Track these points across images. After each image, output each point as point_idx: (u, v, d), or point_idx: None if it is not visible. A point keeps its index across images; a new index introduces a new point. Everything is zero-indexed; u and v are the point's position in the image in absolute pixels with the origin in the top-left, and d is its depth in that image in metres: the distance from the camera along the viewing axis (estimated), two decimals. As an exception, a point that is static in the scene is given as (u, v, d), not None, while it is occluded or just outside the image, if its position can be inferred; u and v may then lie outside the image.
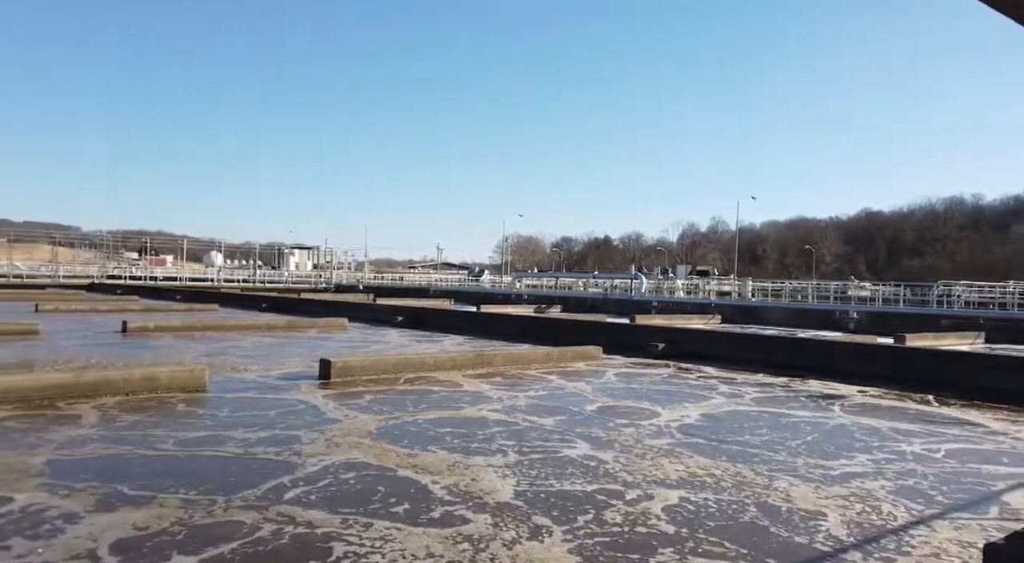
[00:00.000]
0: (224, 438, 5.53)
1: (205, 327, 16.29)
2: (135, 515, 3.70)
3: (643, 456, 5.32)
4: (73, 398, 6.93)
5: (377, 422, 6.33)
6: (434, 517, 3.82)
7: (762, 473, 4.93)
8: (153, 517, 3.68)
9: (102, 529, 3.50)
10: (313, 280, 59.76)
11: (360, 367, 9.49)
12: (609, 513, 3.96)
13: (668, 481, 4.65)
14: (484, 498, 4.16)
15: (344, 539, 3.45)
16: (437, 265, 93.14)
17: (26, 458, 4.77)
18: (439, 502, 4.08)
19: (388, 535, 3.52)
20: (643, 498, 4.26)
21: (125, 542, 3.34)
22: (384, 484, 4.42)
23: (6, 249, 69.61)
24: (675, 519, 3.90)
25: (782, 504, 4.24)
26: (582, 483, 4.56)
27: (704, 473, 4.89)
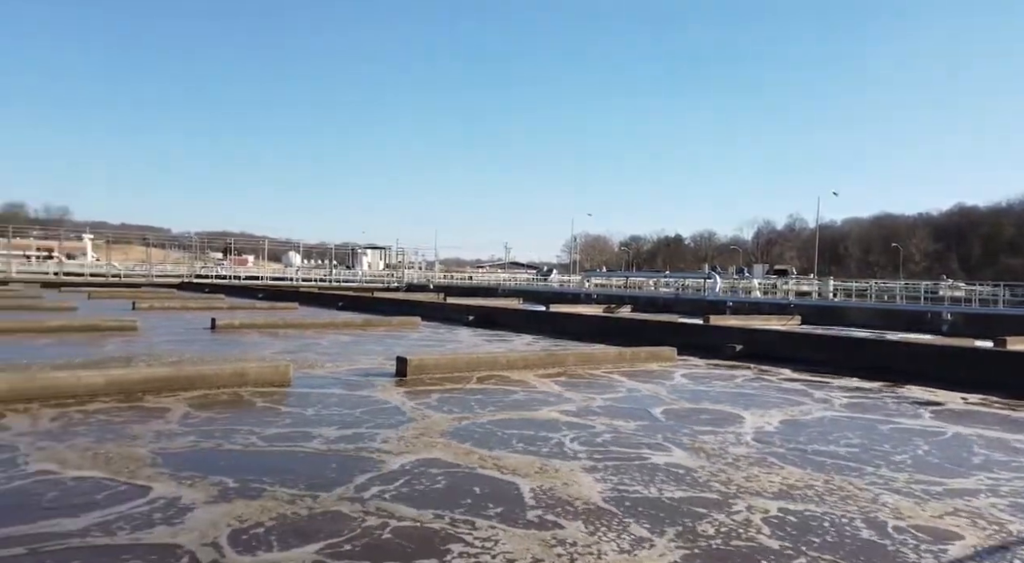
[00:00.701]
0: (310, 434, 5.67)
1: (286, 324, 16.93)
2: (243, 507, 3.83)
3: (733, 464, 5.10)
4: (171, 391, 7.32)
5: (454, 421, 6.36)
6: (529, 520, 3.76)
7: (865, 486, 4.62)
8: (261, 509, 3.80)
9: (216, 519, 3.65)
10: (385, 279, 61.24)
11: (434, 365, 9.62)
12: (706, 524, 3.80)
13: (764, 492, 4.42)
14: (574, 503, 4.07)
15: (456, 538, 3.47)
16: (505, 264, 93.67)
17: (135, 449, 5.05)
18: (530, 504, 4.02)
19: (494, 536, 3.50)
20: (740, 509, 4.07)
21: (243, 532, 3.46)
22: (473, 483, 4.41)
23: (105, 250, 74.66)
24: (778, 533, 3.69)
25: (893, 520, 3.95)
26: (671, 490, 4.39)
27: (801, 484, 4.63)
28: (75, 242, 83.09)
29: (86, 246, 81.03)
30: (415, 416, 6.53)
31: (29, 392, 6.60)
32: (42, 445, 5.08)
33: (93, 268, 58.11)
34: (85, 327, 14.26)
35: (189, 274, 55.14)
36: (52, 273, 49.96)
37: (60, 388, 6.78)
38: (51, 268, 53.96)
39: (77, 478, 4.33)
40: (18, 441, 5.17)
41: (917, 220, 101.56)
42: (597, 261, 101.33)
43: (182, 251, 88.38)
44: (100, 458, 4.78)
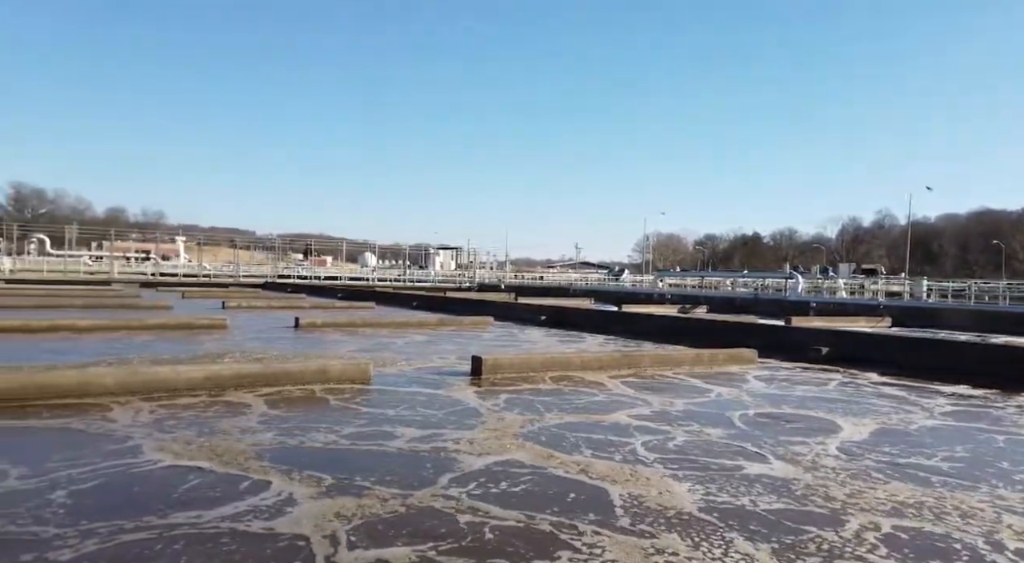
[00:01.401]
0: (391, 433, 5.75)
1: (364, 323, 17.40)
2: (343, 502, 3.92)
3: (831, 476, 4.80)
4: (260, 386, 7.63)
5: (529, 422, 6.31)
6: (625, 527, 3.67)
7: (983, 505, 4.25)
8: (359, 505, 3.87)
9: (322, 511, 3.77)
10: (457, 279, 62.12)
11: (509, 365, 9.63)
12: (814, 540, 3.57)
13: (872, 508, 4.12)
14: (667, 512, 3.94)
15: (561, 541, 3.44)
16: (576, 264, 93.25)
17: (235, 442, 5.28)
18: (622, 511, 3.92)
19: (598, 542, 3.43)
20: (849, 525, 3.81)
21: (351, 527, 3.55)
22: (560, 487, 4.34)
23: (196, 252, 79.12)
24: (896, 554, 3.43)
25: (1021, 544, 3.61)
26: (768, 502, 4.16)
27: (911, 501, 4.29)
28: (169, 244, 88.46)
29: (179, 248, 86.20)
30: (491, 416, 6.54)
31: (133, 386, 7.03)
32: (153, 436, 5.37)
33: (186, 269, 61.71)
34: (180, 325, 15.11)
35: (272, 274, 57.69)
36: (149, 274, 53.37)
37: (161, 382, 7.18)
38: (148, 269, 57.66)
39: (188, 468, 4.56)
40: (132, 433, 5.50)
41: (1022, 215, 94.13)
42: (670, 261, 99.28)
43: (265, 252, 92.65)
44: (205, 449, 5.03)
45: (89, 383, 6.86)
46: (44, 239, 77.09)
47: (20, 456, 4.74)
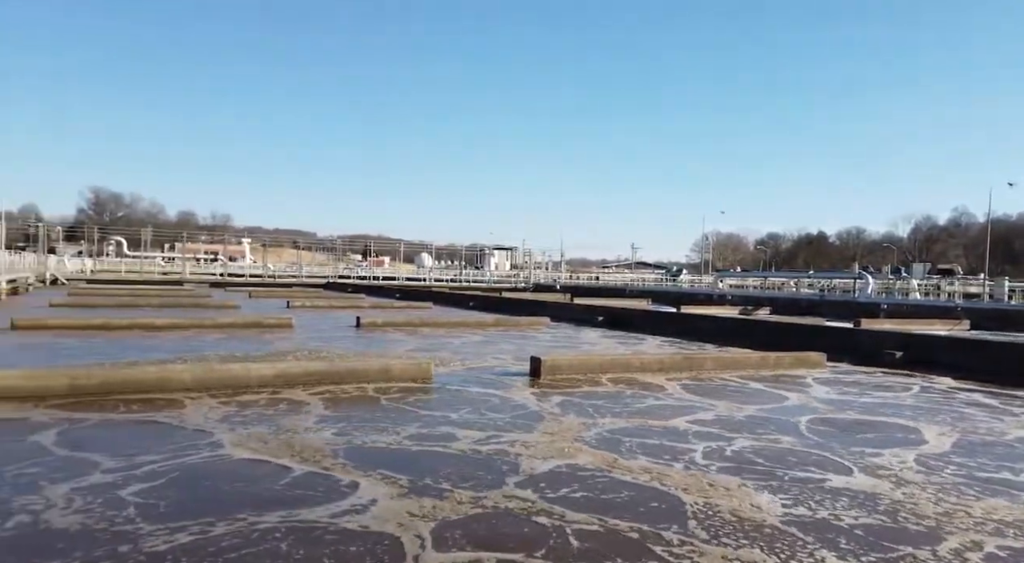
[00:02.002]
0: (455, 433, 5.77)
1: (423, 323, 17.64)
2: (420, 502, 3.95)
3: (919, 489, 4.54)
4: (327, 384, 7.82)
5: (591, 425, 6.22)
6: (707, 537, 3.56)
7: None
8: (437, 506, 3.88)
9: (401, 509, 3.83)
10: (512, 280, 62.30)
11: (567, 366, 9.58)
12: (908, 558, 3.37)
13: (970, 526, 3.85)
14: (742, 522, 3.80)
15: (646, 549, 3.39)
16: (632, 264, 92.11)
17: (305, 437, 5.43)
18: (701, 521, 3.79)
19: (687, 552, 3.36)
20: (949, 544, 3.57)
21: (434, 526, 3.58)
22: (630, 492, 4.27)
23: (261, 253, 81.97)
24: None
25: None
26: (854, 517, 3.94)
27: (1010, 518, 4.01)
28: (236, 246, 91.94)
29: (245, 249, 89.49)
30: (551, 418, 6.49)
31: (209, 382, 7.32)
32: (233, 431, 5.58)
33: (252, 269, 64.01)
34: (249, 324, 15.67)
35: (333, 275, 59.21)
36: (218, 274, 55.62)
37: (235, 379, 7.45)
38: (217, 269, 60.10)
39: (267, 463, 4.70)
40: (213, 428, 5.71)
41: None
42: (730, 261, 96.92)
43: (326, 253, 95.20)
44: (283, 445, 5.17)
45: (168, 379, 7.18)
46: (121, 241, 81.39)
47: (110, 448, 4.98)
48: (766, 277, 55.81)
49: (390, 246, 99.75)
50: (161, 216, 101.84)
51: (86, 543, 3.26)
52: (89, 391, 6.80)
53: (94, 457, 4.72)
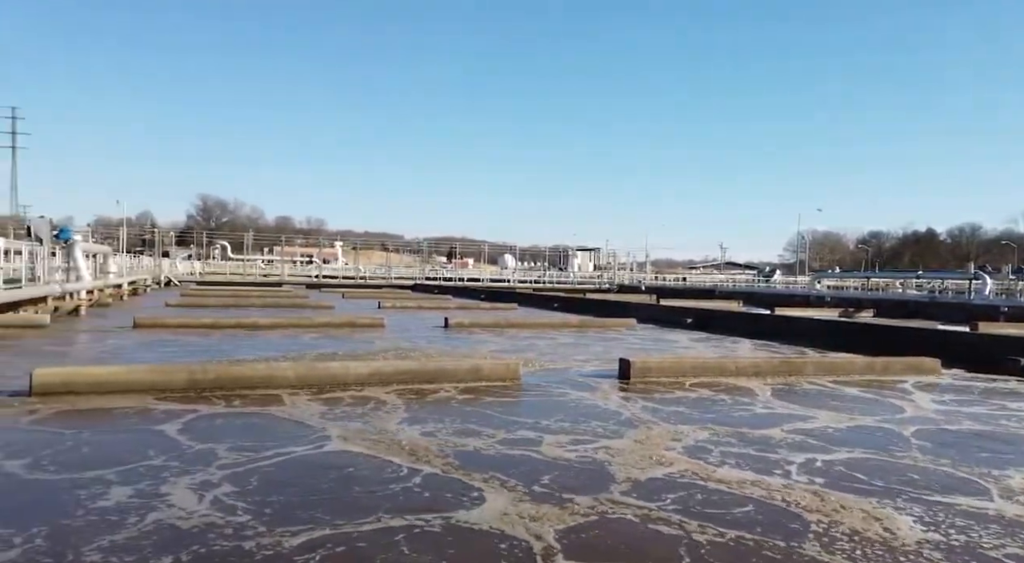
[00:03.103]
0: (548, 436, 5.79)
1: (509, 324, 17.79)
2: (529, 505, 3.96)
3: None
4: (419, 383, 8.03)
5: (687, 431, 6.05)
6: (844, 560, 3.34)
7: None
8: (539, 510, 3.87)
9: (511, 509, 3.87)
10: (596, 281, 61.77)
11: (658, 368, 9.39)
12: None
13: None
14: (876, 543, 3.54)
15: None
16: (720, 265, 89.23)
17: (406, 434, 5.62)
18: (834, 540, 3.56)
19: None
20: None
21: (562, 534, 3.56)
22: (748, 506, 4.06)
23: (352, 255, 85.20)
24: None
25: None
26: (998, 545, 3.57)
27: None
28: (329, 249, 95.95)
29: (337, 252, 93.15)
30: (642, 423, 6.36)
31: (310, 379, 7.68)
32: (337, 427, 5.84)
33: (344, 271, 66.63)
34: (343, 324, 16.33)
35: (420, 276, 60.75)
36: (313, 276, 58.27)
37: (334, 377, 7.79)
38: (312, 271, 62.97)
39: (372, 458, 4.90)
40: (320, 424, 6.01)
41: None
42: (827, 260, 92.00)
43: (412, 255, 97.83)
44: (382, 441, 5.37)
45: (274, 376, 7.59)
46: (226, 245, 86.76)
47: (228, 439, 5.33)
48: (869, 277, 52.60)
49: (474, 248, 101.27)
50: (261, 221, 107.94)
51: (215, 535, 3.44)
52: (204, 386, 7.28)
53: (216, 448, 5.06)
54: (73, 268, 20.97)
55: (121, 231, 48.70)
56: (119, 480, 4.21)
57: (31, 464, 4.56)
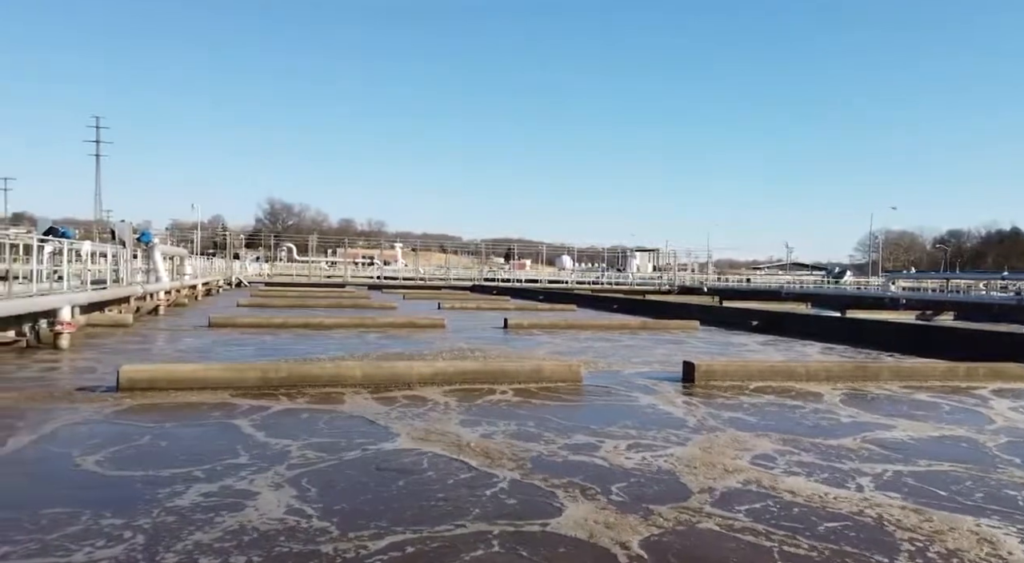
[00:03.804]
0: (607, 441, 5.74)
1: (568, 325, 17.71)
2: (608, 512, 3.89)
3: None
4: (481, 383, 8.09)
5: (759, 438, 5.87)
6: None
7: None
8: (634, 521, 3.79)
9: (589, 516, 3.83)
10: (656, 282, 60.82)
11: (724, 371, 9.16)
12: None
13: None
14: None
15: None
16: (786, 265, 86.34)
17: (482, 441, 5.68)
18: (929, 560, 3.37)
19: None
20: None
21: (649, 545, 3.49)
22: (837, 521, 3.87)
23: (411, 257, 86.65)
24: None
25: None
26: None
27: None
28: (389, 250, 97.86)
29: (397, 254, 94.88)
30: (708, 429, 6.21)
31: (376, 378, 7.85)
32: (405, 426, 5.96)
33: (404, 272, 67.84)
34: (405, 324, 16.63)
35: (479, 277, 61.23)
36: (375, 277, 59.59)
37: (398, 376, 7.94)
38: (374, 272, 64.39)
39: (441, 458, 4.97)
40: (390, 422, 6.15)
41: None
42: (902, 261, 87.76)
43: (470, 256, 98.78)
44: (448, 440, 5.45)
45: (342, 375, 7.79)
46: (292, 247, 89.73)
47: (301, 435, 5.50)
48: (948, 278, 49.89)
49: (531, 249, 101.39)
50: (325, 224, 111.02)
51: (294, 537, 3.52)
52: (275, 383, 7.54)
53: (290, 445, 5.23)
54: (153, 270, 22.10)
55: (195, 234, 51.06)
56: (197, 477, 4.39)
57: (115, 458, 4.83)
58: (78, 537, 3.35)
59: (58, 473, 4.45)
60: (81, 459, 4.72)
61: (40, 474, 4.44)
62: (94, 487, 4.18)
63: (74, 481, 4.29)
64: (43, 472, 4.48)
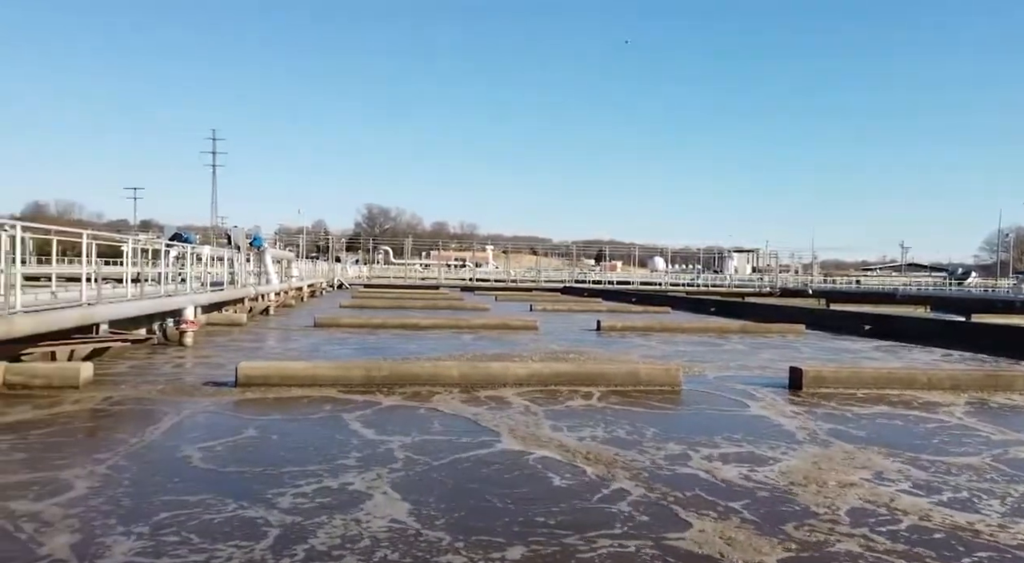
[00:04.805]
0: (715, 450, 5.54)
1: (663, 328, 17.31)
2: (747, 534, 3.66)
3: None
4: (576, 385, 8.03)
5: (877, 452, 5.45)
6: None
7: None
8: (764, 541, 3.58)
9: (710, 527, 3.72)
10: (756, 283, 58.37)
11: (834, 378, 8.64)
12: None
13: None
14: None
15: None
16: (901, 266, 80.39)
17: (579, 444, 5.67)
18: None
19: None
20: None
21: None
22: (990, 550, 3.52)
23: (502, 259, 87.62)
24: None
25: None
26: None
27: None
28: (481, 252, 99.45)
29: (488, 256, 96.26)
30: (821, 442, 5.85)
31: (473, 378, 7.97)
32: (506, 426, 6.05)
33: (495, 274, 68.73)
34: (498, 325, 16.81)
35: (569, 279, 61.06)
36: (467, 279, 60.70)
37: (494, 377, 8.03)
38: (466, 274, 65.62)
39: (547, 461, 5.00)
40: (491, 422, 6.25)
41: None
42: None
43: (560, 258, 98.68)
44: (553, 443, 5.48)
45: (440, 374, 7.97)
46: (388, 250, 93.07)
47: (408, 432, 5.68)
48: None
49: (623, 250, 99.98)
50: (419, 227, 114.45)
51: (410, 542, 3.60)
52: (378, 381, 7.82)
53: (401, 442, 5.41)
54: (264, 272, 23.54)
55: (301, 239, 53.96)
56: (310, 474, 4.57)
57: (234, 449, 5.17)
58: (197, 527, 3.60)
59: (182, 463, 4.79)
60: (205, 450, 5.09)
61: (166, 462, 4.80)
62: (212, 480, 4.44)
63: (197, 471, 4.62)
64: (170, 461, 4.85)
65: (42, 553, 3.19)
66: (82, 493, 4.03)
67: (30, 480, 4.26)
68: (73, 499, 3.92)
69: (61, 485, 4.16)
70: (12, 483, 4.21)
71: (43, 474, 4.38)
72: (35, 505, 3.82)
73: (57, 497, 3.94)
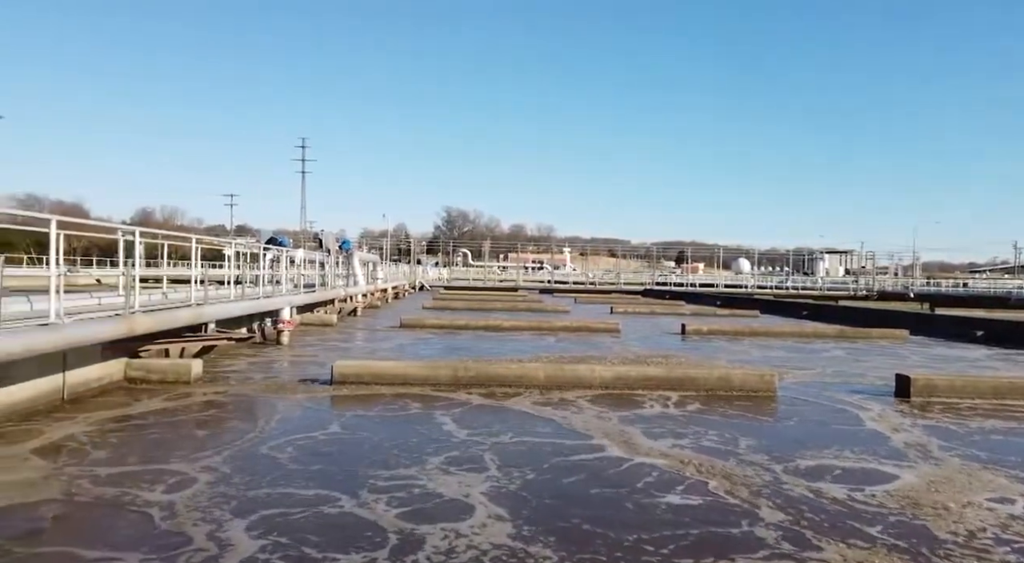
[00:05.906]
0: (818, 463, 5.28)
1: (752, 332, 16.67)
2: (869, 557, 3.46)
3: None
4: (664, 389, 7.86)
5: (996, 475, 4.97)
6: None
7: None
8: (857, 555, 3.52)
9: None
10: (850, 286, 55.31)
11: (947, 387, 8.04)
12: None
13: None
14: None
15: None
16: (1014, 268, 74.15)
17: (663, 445, 5.56)
18: None
19: None
20: None
21: None
22: None
23: (580, 261, 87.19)
24: None
25: None
26: None
27: None
28: (559, 254, 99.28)
29: (566, 258, 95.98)
30: (936, 458, 5.42)
31: (559, 380, 7.93)
32: (600, 431, 6.00)
33: (573, 276, 68.41)
34: (580, 328, 16.69)
35: (650, 281, 59.94)
36: (545, 281, 60.69)
37: (580, 379, 7.96)
38: (544, 276, 65.67)
39: (649, 468, 4.94)
40: (585, 426, 6.22)
41: None
42: None
43: (639, 260, 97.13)
44: (653, 448, 5.39)
45: (526, 375, 7.98)
46: (467, 252, 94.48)
47: (501, 433, 5.72)
48: None
49: (705, 251, 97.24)
50: (497, 230, 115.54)
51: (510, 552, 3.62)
52: (465, 382, 7.90)
53: (496, 443, 5.46)
54: (352, 274, 24.37)
55: (385, 242, 55.58)
56: (402, 472, 4.68)
57: (330, 444, 5.36)
58: (295, 515, 3.73)
59: (283, 456, 5.00)
60: (303, 445, 5.31)
61: (271, 458, 5.02)
62: (307, 476, 4.60)
63: (297, 464, 4.81)
64: (275, 456, 5.06)
65: (174, 542, 3.39)
66: (202, 485, 4.28)
67: (155, 470, 4.57)
68: (196, 490, 4.17)
69: (184, 478, 4.44)
70: (131, 473, 4.53)
71: (158, 466, 4.69)
72: (160, 495, 4.09)
73: (183, 489, 4.21)
